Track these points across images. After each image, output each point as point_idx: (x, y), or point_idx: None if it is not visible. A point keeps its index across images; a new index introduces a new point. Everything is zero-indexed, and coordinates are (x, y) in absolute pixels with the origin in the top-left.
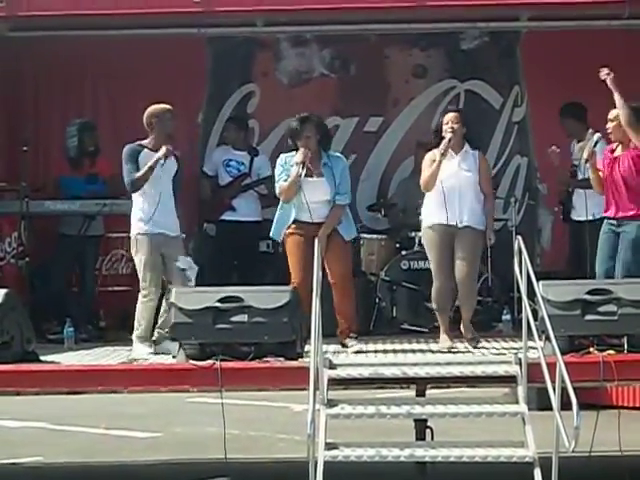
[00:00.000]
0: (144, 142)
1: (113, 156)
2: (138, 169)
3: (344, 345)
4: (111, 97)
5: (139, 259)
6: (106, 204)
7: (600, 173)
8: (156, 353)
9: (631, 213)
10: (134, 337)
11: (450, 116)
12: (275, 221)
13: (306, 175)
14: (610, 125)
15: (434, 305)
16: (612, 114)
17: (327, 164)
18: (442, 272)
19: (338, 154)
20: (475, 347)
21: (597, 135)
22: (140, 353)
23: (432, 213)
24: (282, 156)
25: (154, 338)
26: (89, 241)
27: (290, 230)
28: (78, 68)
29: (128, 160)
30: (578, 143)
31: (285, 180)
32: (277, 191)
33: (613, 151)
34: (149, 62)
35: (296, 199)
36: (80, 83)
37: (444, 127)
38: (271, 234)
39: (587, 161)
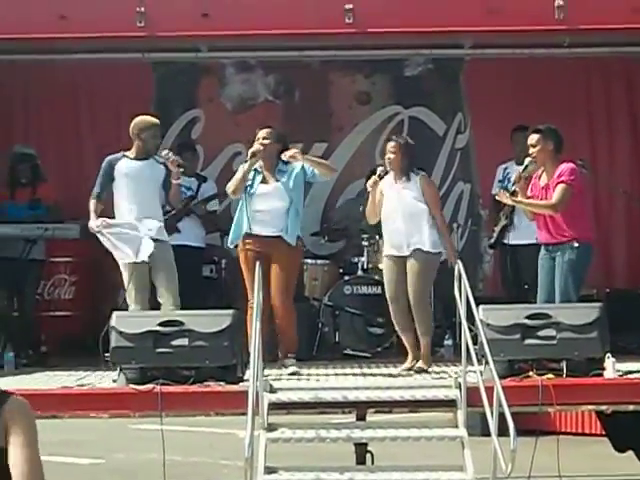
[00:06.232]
0: (128, 152)
1: (58, 182)
2: (109, 182)
3: (283, 365)
4: (56, 123)
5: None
6: (48, 228)
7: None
8: None
9: (564, 238)
10: None
11: (388, 145)
12: (232, 230)
13: (262, 182)
14: (533, 150)
15: (396, 327)
16: (532, 139)
17: (282, 170)
18: (396, 299)
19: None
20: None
21: (527, 159)
22: None
23: (385, 243)
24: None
25: None
26: (30, 265)
27: (243, 245)
28: (21, 93)
29: (101, 175)
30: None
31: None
32: (228, 185)
33: (539, 177)
34: (95, 88)
35: (250, 210)
36: (24, 109)
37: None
38: (229, 242)
39: (514, 184)
